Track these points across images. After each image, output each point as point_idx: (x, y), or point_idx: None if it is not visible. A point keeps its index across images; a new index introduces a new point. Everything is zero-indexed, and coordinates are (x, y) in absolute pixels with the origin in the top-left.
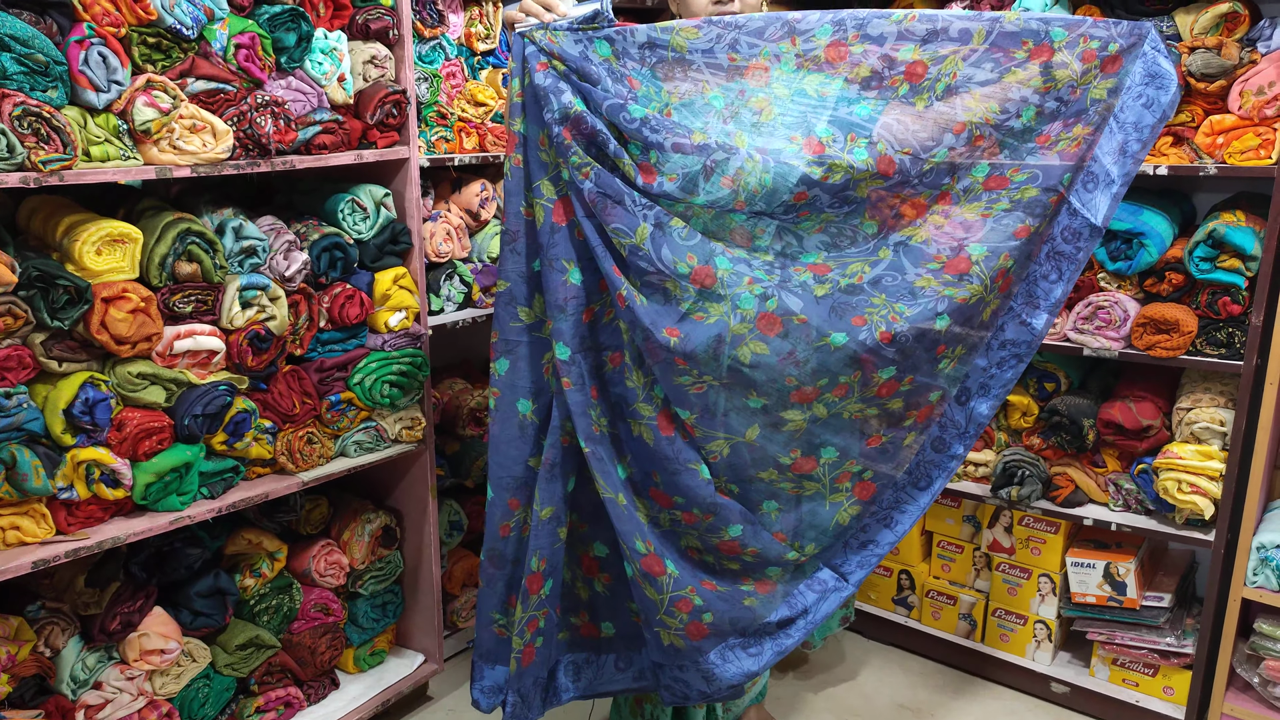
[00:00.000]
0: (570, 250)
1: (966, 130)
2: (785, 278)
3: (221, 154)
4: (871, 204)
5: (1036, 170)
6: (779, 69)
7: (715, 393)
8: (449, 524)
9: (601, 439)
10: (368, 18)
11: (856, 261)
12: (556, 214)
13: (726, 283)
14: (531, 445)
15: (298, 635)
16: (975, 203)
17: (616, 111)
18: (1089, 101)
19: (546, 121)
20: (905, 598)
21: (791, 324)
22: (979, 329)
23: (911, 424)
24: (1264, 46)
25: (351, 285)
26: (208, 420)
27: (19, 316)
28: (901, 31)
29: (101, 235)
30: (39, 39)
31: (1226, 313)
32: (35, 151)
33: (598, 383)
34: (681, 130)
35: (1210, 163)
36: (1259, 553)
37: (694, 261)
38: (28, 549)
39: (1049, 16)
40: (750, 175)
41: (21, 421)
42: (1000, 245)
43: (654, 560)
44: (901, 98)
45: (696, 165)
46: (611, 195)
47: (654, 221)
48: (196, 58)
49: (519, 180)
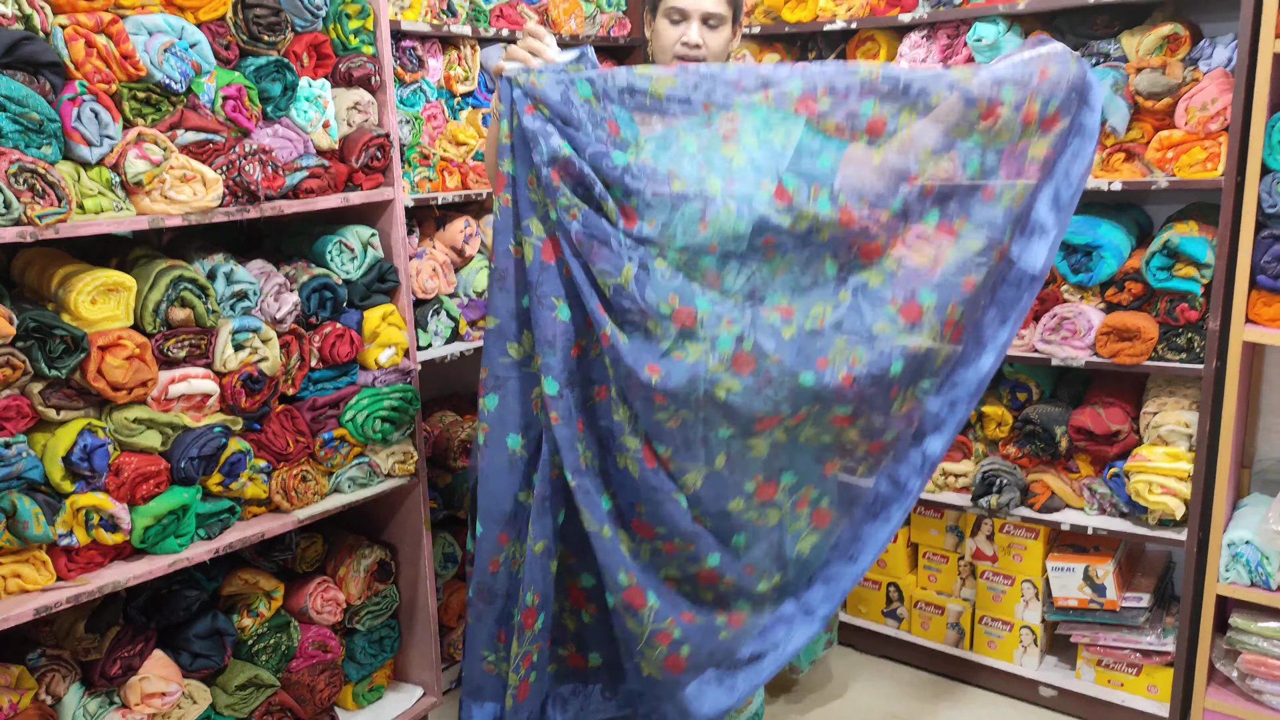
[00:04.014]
0: (559, 287)
1: (919, 182)
2: (755, 317)
3: (212, 202)
4: (832, 248)
5: (982, 222)
6: (750, 118)
7: (690, 427)
8: (443, 556)
9: (588, 472)
10: (350, 66)
11: (819, 304)
12: (545, 252)
13: (706, 323)
14: (521, 479)
15: (296, 674)
16: (927, 249)
17: (600, 159)
18: (1028, 158)
19: (536, 163)
20: (894, 610)
21: (765, 363)
22: (930, 375)
23: (864, 454)
24: (1205, 65)
25: (341, 324)
26: (203, 462)
27: (17, 367)
28: (866, 87)
29: (96, 285)
30: (33, 98)
31: (1185, 319)
32: (31, 206)
33: (585, 416)
34: (661, 178)
35: (1161, 176)
36: (1230, 549)
37: (676, 303)
38: (29, 596)
39: (1001, 75)
40: (724, 220)
41: (21, 470)
42: (949, 295)
43: (636, 592)
44: (860, 150)
45: (674, 211)
46: (598, 236)
47: (639, 263)
48: (185, 110)
49: (507, 219)
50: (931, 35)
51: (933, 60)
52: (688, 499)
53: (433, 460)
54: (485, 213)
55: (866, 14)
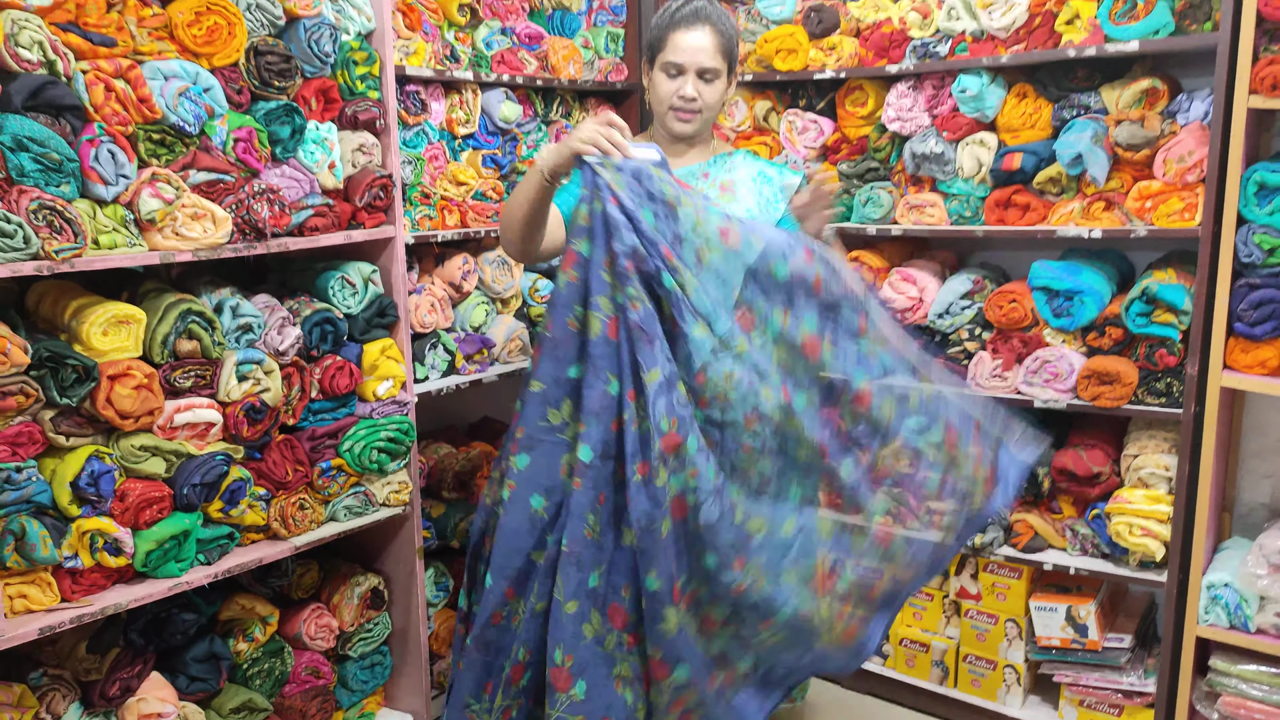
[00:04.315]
0: (615, 365)
1: (889, 478)
2: (723, 488)
3: (221, 239)
4: (802, 474)
5: (916, 541)
6: (762, 330)
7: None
8: (435, 585)
9: (587, 544)
10: (356, 110)
11: (756, 519)
12: (610, 330)
13: (687, 461)
14: (537, 539)
15: (289, 698)
16: (860, 539)
17: (658, 274)
18: (969, 508)
19: (615, 251)
20: (880, 647)
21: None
22: (800, 647)
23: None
24: (1183, 118)
25: (341, 357)
26: (205, 489)
27: (30, 395)
28: (871, 391)
29: (108, 317)
30: (54, 139)
31: (1164, 364)
32: (49, 241)
33: (609, 490)
34: (698, 321)
35: (1141, 225)
36: (1209, 591)
37: (673, 427)
38: (34, 616)
39: (968, 450)
40: (730, 387)
41: (31, 494)
42: (866, 584)
43: (563, 674)
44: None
45: (693, 358)
46: (647, 333)
47: (666, 374)
48: (198, 151)
49: (571, 294)
50: (918, 86)
51: (919, 109)
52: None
53: (427, 491)
54: (483, 250)
55: (855, 64)
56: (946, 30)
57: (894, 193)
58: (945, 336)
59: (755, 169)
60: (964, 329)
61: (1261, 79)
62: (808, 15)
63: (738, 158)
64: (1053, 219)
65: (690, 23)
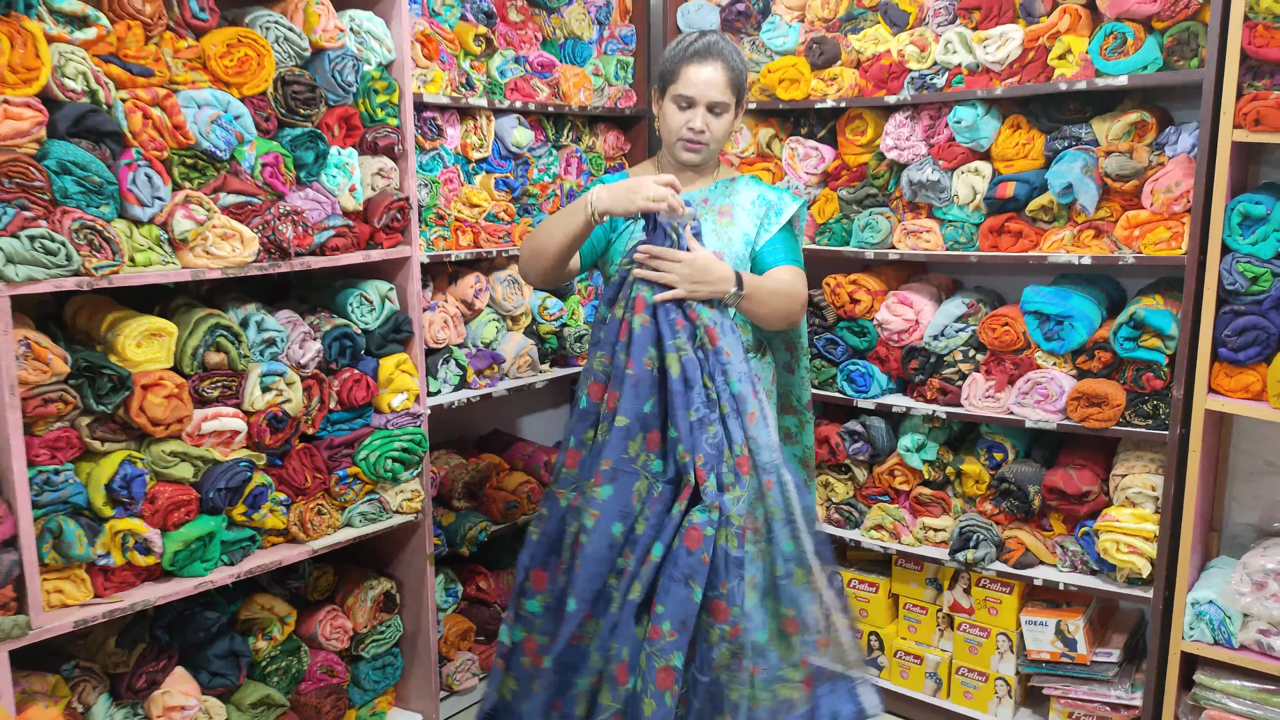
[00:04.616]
0: (699, 397)
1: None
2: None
3: (248, 257)
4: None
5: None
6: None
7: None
8: (445, 591)
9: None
10: (376, 136)
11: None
12: (678, 369)
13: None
14: (613, 564)
15: (305, 696)
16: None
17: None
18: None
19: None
20: (875, 658)
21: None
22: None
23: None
24: (1171, 150)
25: (359, 370)
26: (230, 493)
27: (69, 402)
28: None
29: (142, 330)
30: (95, 163)
31: (1151, 387)
32: (90, 259)
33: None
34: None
35: (1128, 253)
36: (1194, 608)
37: (685, 458)
38: (69, 610)
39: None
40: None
41: (68, 495)
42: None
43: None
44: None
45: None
46: (688, 381)
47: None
48: (228, 175)
49: (646, 336)
50: (915, 116)
51: (916, 138)
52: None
53: (437, 499)
54: (494, 269)
55: (855, 94)
56: (943, 63)
57: (892, 218)
58: (940, 358)
59: (755, 193)
60: (958, 351)
61: (1245, 114)
62: (810, 47)
63: (740, 183)
64: (1044, 246)
65: (703, 58)
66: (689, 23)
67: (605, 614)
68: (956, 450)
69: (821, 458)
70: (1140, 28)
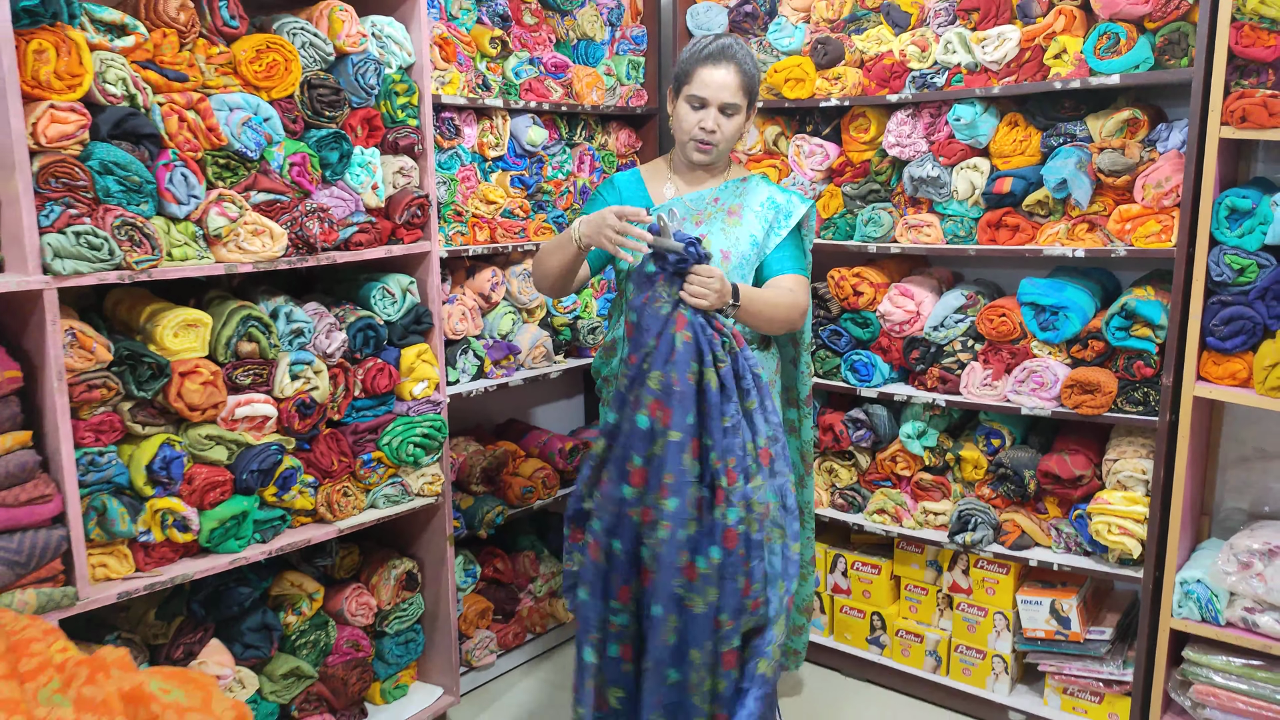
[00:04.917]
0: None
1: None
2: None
3: (277, 252)
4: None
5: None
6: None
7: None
8: (464, 571)
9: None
10: (397, 136)
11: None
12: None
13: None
14: (682, 569)
15: (332, 668)
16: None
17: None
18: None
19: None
20: (878, 637)
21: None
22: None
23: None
24: (1162, 147)
25: (382, 360)
26: (261, 475)
27: (112, 389)
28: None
29: (179, 320)
30: (134, 164)
31: (1141, 375)
32: (130, 254)
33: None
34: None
35: (1120, 246)
36: (1182, 587)
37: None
38: (113, 583)
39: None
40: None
41: (111, 475)
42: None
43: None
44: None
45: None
46: (725, 392)
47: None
48: (258, 174)
49: (689, 352)
50: (916, 114)
51: (917, 136)
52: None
53: (456, 484)
54: (510, 264)
55: (859, 93)
56: (943, 63)
57: (894, 213)
58: (940, 348)
59: (765, 194)
60: (957, 341)
61: (1232, 111)
62: (815, 47)
63: (751, 183)
64: (1040, 239)
65: (716, 60)
66: (698, 24)
67: (683, 612)
68: (956, 437)
69: (826, 444)
70: (1133, 28)
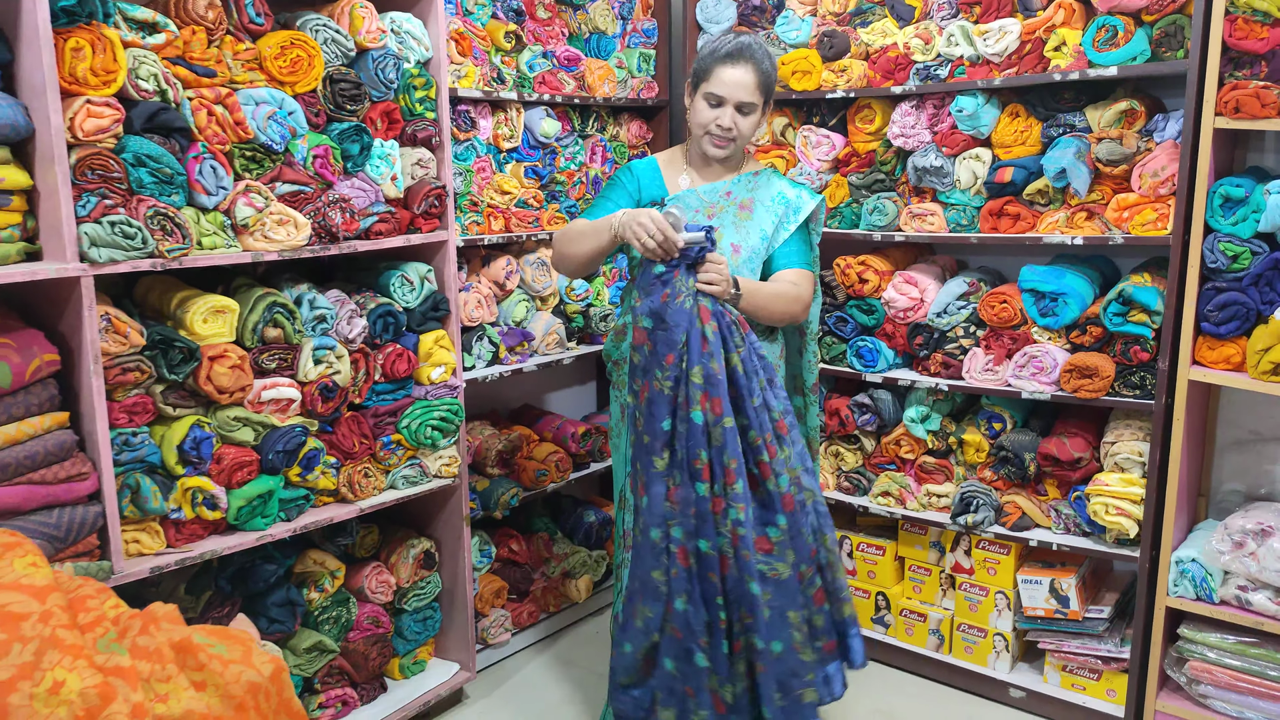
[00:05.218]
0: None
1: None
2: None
3: (301, 241)
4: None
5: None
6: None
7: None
8: (479, 551)
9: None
10: (415, 129)
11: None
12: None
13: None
14: (659, 562)
15: (353, 643)
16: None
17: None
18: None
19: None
20: (882, 616)
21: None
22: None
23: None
24: (1159, 137)
25: (401, 345)
26: (286, 456)
27: (145, 372)
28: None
29: (208, 307)
30: (166, 156)
31: (1138, 359)
32: (162, 242)
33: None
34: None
35: (1118, 233)
36: (1178, 566)
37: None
38: (146, 559)
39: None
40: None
41: (144, 455)
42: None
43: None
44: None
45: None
46: (749, 373)
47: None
48: (283, 166)
49: (718, 341)
50: (920, 105)
51: (921, 127)
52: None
53: (473, 466)
54: (524, 253)
55: (864, 85)
56: (946, 55)
57: (898, 202)
58: (943, 334)
59: (776, 189)
60: (960, 327)
61: (1226, 102)
62: (821, 40)
63: (763, 177)
64: (1040, 227)
65: (734, 60)
66: (708, 17)
67: (769, 582)
68: (958, 421)
69: (832, 429)
70: (1130, 21)
